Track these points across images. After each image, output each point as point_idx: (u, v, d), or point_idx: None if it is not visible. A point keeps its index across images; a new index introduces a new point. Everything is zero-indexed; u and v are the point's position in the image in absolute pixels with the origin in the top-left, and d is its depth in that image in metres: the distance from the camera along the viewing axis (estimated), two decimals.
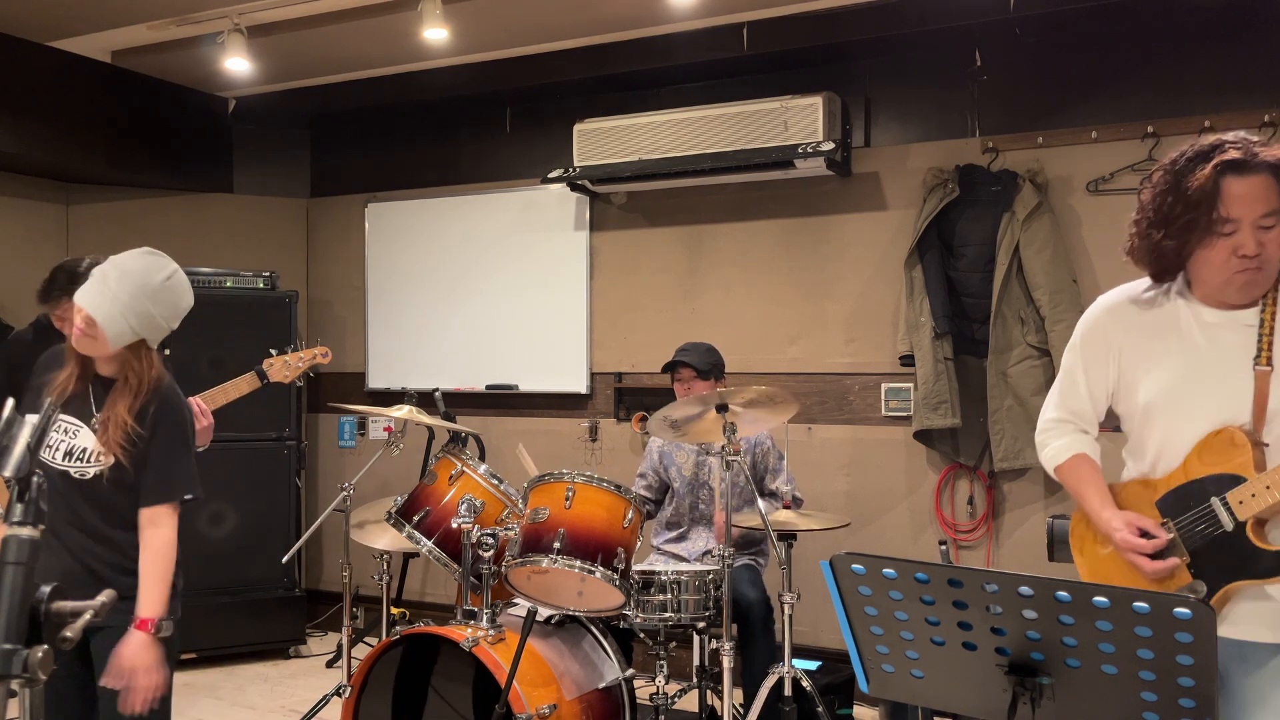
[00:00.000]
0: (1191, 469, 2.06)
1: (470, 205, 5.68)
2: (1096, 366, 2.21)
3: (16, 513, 1.40)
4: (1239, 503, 1.97)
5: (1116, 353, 2.18)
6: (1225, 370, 2.03)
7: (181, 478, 2.48)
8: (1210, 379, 2.05)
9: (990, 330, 4.32)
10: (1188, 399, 2.07)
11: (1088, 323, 2.25)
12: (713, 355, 4.04)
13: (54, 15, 4.73)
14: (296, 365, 3.69)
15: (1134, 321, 2.17)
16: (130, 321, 2.37)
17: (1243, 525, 1.97)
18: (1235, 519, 1.97)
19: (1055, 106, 4.43)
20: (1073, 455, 2.25)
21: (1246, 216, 1.96)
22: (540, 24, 4.80)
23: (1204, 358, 2.06)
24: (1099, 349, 2.21)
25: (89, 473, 2.40)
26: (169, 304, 2.44)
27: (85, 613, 1.41)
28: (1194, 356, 2.07)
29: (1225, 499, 1.99)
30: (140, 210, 5.79)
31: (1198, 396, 2.05)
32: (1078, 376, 2.25)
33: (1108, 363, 2.19)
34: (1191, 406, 2.06)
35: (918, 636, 1.75)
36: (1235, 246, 1.97)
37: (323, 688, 4.56)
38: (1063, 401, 2.28)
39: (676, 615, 3.45)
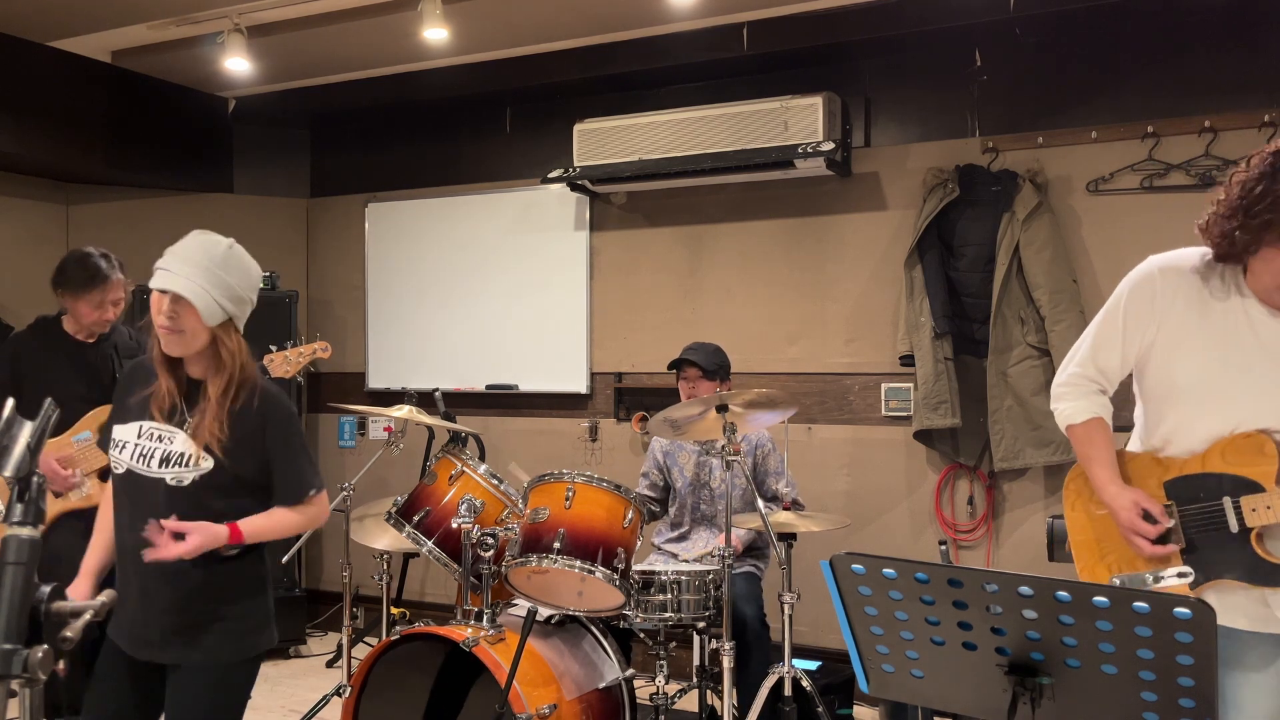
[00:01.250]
0: (1210, 462, 2.05)
1: (470, 205, 5.68)
2: (1137, 326, 2.16)
3: (16, 513, 1.40)
4: (1251, 510, 1.98)
5: (1160, 317, 2.13)
6: (1266, 369, 2.01)
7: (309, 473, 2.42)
8: (1249, 375, 2.02)
9: (990, 330, 4.32)
10: (1221, 390, 2.04)
11: (1139, 279, 2.18)
12: (719, 356, 4.04)
13: (54, 15, 4.72)
14: (297, 360, 3.69)
15: (1185, 293, 2.11)
16: (214, 294, 2.28)
17: (1248, 531, 1.98)
18: (1242, 524, 1.98)
19: (1055, 106, 4.43)
20: (1090, 418, 2.22)
21: None
22: (540, 24, 4.80)
23: (1248, 353, 2.03)
24: (1145, 308, 2.15)
25: (186, 479, 2.29)
26: (242, 270, 2.36)
27: (85, 612, 1.41)
28: (1238, 349, 2.04)
29: (1238, 502, 1.99)
30: (140, 210, 5.79)
31: (1232, 390, 2.03)
32: (1116, 330, 2.19)
33: (1148, 325, 2.14)
34: (1223, 398, 2.04)
35: (918, 636, 1.75)
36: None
37: (323, 688, 4.56)
38: (1094, 355, 2.22)
39: (676, 615, 3.45)
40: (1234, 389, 2.04)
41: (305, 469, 2.41)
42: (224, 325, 2.32)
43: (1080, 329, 4.15)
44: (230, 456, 2.31)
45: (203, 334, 2.30)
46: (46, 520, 1.44)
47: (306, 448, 2.47)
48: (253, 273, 2.40)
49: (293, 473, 2.38)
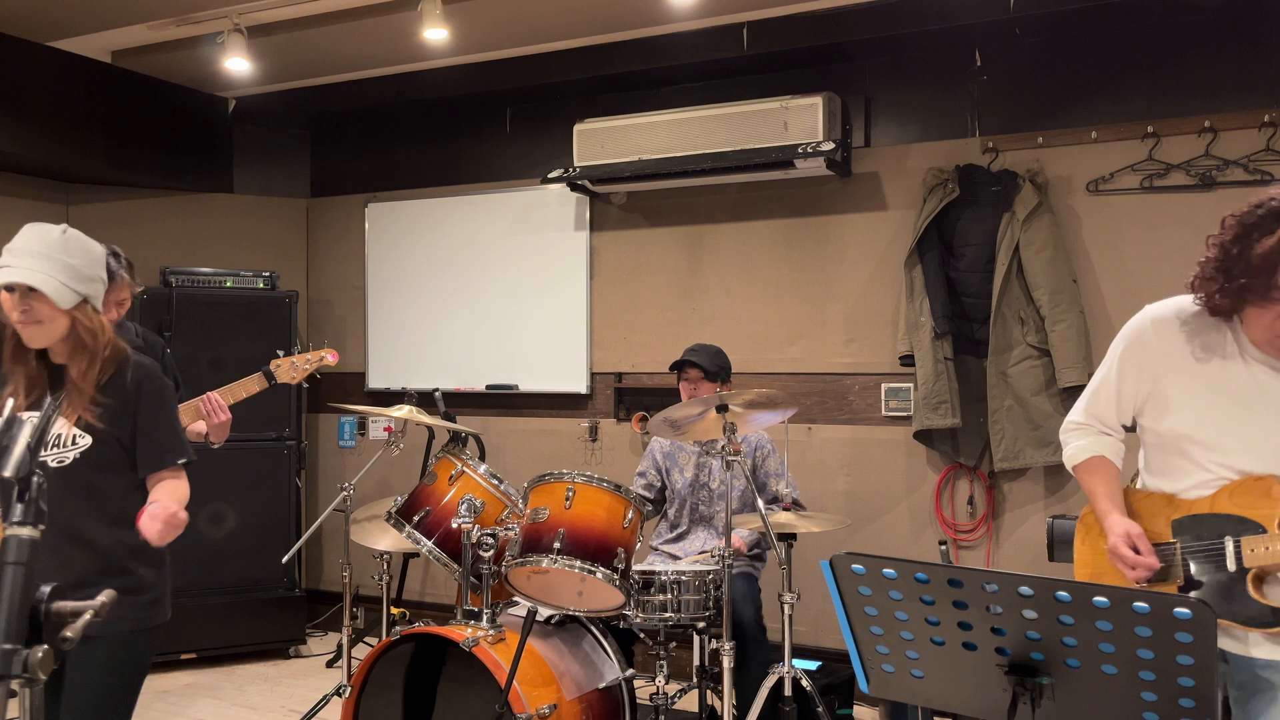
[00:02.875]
0: (1219, 503, 2.08)
1: (470, 205, 5.68)
2: (1130, 379, 2.21)
3: (17, 513, 1.40)
4: (1250, 550, 2.01)
5: (1153, 371, 2.17)
6: (1266, 413, 2.04)
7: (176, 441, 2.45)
8: (1251, 420, 2.06)
9: (990, 330, 4.32)
10: (1222, 438, 2.08)
11: (1132, 334, 2.22)
12: (721, 358, 4.04)
13: (54, 15, 4.72)
14: (304, 367, 3.70)
15: (1180, 343, 2.14)
16: (60, 278, 2.29)
17: (1245, 571, 2.02)
18: (1240, 564, 2.02)
19: (1055, 106, 4.43)
20: (1091, 456, 2.28)
21: None
22: (540, 24, 4.80)
23: (1247, 397, 2.07)
24: (1138, 362, 2.19)
25: (68, 458, 2.33)
26: (82, 250, 2.37)
27: (85, 612, 1.41)
28: (1238, 398, 2.07)
29: (1239, 542, 2.02)
30: (140, 210, 5.79)
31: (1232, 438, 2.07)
32: (1110, 385, 2.25)
33: (1141, 378, 2.19)
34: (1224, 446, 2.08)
35: (918, 636, 1.75)
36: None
37: (323, 688, 4.57)
38: (1090, 406, 2.30)
39: (676, 615, 3.44)
40: (1236, 432, 2.07)
41: (171, 439, 2.44)
42: (80, 307, 2.34)
43: (1080, 329, 4.17)
44: (108, 427, 2.35)
45: (60, 320, 2.33)
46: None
47: (177, 422, 2.51)
48: (93, 251, 2.41)
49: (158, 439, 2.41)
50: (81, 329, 2.34)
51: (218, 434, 3.52)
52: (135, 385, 2.39)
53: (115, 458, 2.38)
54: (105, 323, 2.40)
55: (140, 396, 2.39)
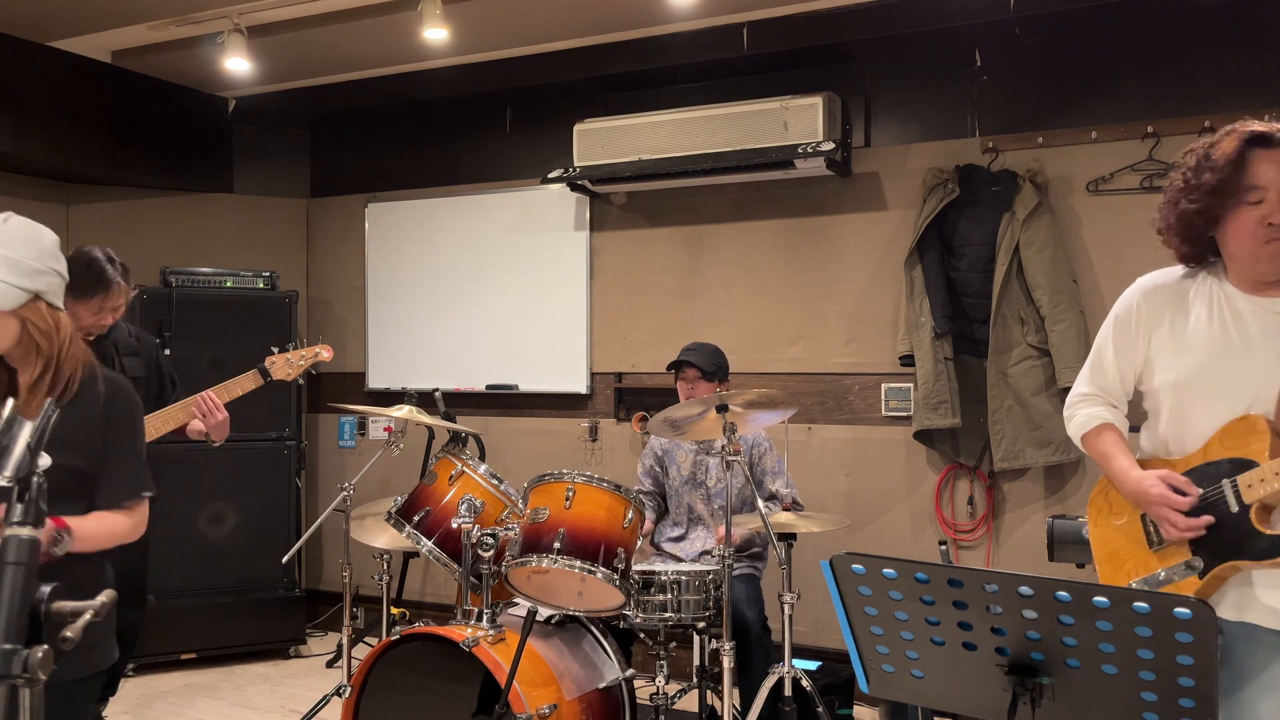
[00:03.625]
0: (1212, 451, 2.09)
1: (470, 205, 5.68)
2: (1126, 347, 2.24)
3: (16, 513, 1.40)
4: (1248, 486, 2.01)
5: (1146, 334, 2.21)
6: (1253, 357, 2.05)
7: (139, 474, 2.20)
8: (1238, 365, 2.06)
9: (990, 330, 4.32)
10: (1213, 384, 2.09)
11: (1123, 303, 2.27)
12: (718, 357, 4.04)
13: (54, 15, 4.72)
14: (299, 363, 3.70)
15: (1166, 303, 2.18)
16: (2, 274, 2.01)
17: (1248, 508, 2.00)
18: (1241, 501, 2.01)
19: (1055, 106, 4.43)
20: (1100, 424, 2.29)
21: (1274, 185, 1.98)
22: (540, 24, 4.80)
23: (1233, 344, 2.08)
24: (1130, 330, 2.23)
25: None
26: (25, 240, 2.07)
27: (85, 613, 1.41)
28: (1222, 341, 2.09)
29: (1235, 481, 2.02)
30: (140, 210, 5.80)
31: (1223, 382, 2.08)
32: (1107, 355, 2.28)
33: (1137, 343, 2.22)
34: (1216, 391, 2.08)
35: (918, 636, 1.75)
36: (1263, 216, 1.99)
37: (323, 688, 4.57)
38: (1092, 377, 2.32)
39: (676, 615, 3.45)
40: (1224, 380, 2.08)
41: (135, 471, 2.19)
42: (30, 306, 2.06)
43: (1080, 329, 4.17)
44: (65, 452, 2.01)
45: (9, 324, 2.05)
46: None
47: (142, 449, 2.25)
48: (43, 239, 2.11)
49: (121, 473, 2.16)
50: (34, 330, 2.07)
51: (217, 433, 3.52)
52: (105, 408, 2.13)
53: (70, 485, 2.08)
54: (64, 320, 2.13)
55: (110, 421, 2.14)
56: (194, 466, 5.08)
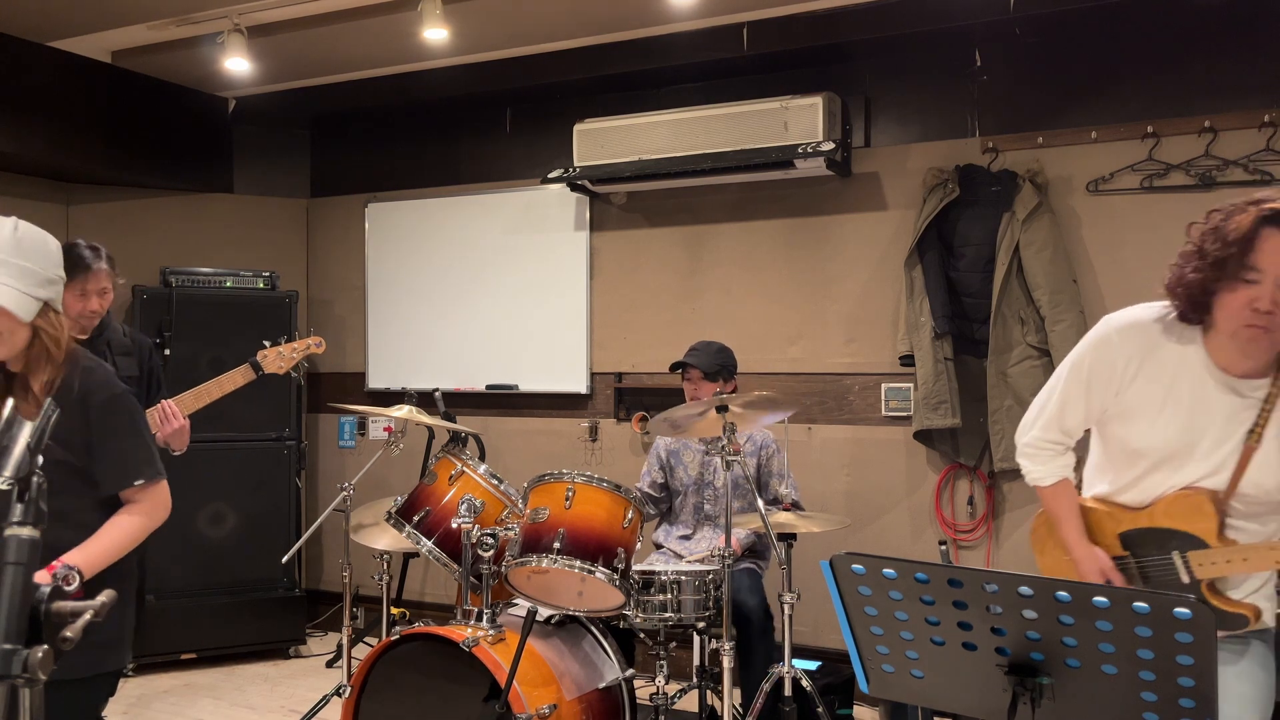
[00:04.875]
0: (1156, 517, 2.15)
1: (470, 205, 5.68)
2: (1099, 388, 2.20)
3: (16, 513, 1.40)
4: (1198, 564, 2.09)
5: (1119, 382, 2.17)
6: (1219, 435, 2.08)
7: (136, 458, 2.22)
8: (1203, 441, 2.10)
9: (990, 330, 4.32)
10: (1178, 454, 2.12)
11: (1099, 344, 2.21)
12: (722, 356, 4.04)
13: (54, 15, 4.72)
14: (290, 356, 3.69)
15: (1146, 355, 2.14)
16: (19, 285, 2.07)
17: (1198, 583, 2.10)
18: (1193, 577, 2.11)
19: (1055, 106, 4.43)
20: (1056, 481, 2.31)
21: (1271, 269, 1.95)
22: (540, 24, 4.80)
23: (1203, 419, 2.09)
24: (1106, 372, 2.19)
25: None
26: (36, 249, 2.13)
27: (85, 613, 1.41)
28: (1199, 414, 2.10)
29: (1186, 557, 2.10)
30: (140, 210, 5.79)
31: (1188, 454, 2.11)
32: (1078, 395, 2.24)
33: (1109, 388, 2.19)
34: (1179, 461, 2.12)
35: (918, 636, 1.75)
36: (1253, 298, 1.97)
37: (323, 688, 4.57)
38: (1060, 418, 2.28)
39: (676, 615, 3.45)
40: (1190, 454, 2.11)
41: (131, 453, 2.21)
42: (43, 314, 2.14)
43: (1081, 329, 4.17)
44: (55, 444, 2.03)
45: (20, 332, 2.13)
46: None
47: (140, 432, 2.27)
48: (50, 248, 2.17)
49: (116, 457, 2.19)
50: (47, 339, 2.14)
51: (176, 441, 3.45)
52: (81, 398, 2.16)
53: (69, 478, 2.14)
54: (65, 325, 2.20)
55: (88, 410, 2.17)
56: (194, 466, 5.06)
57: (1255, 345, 2.01)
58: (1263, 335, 1.98)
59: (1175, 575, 2.12)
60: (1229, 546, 2.06)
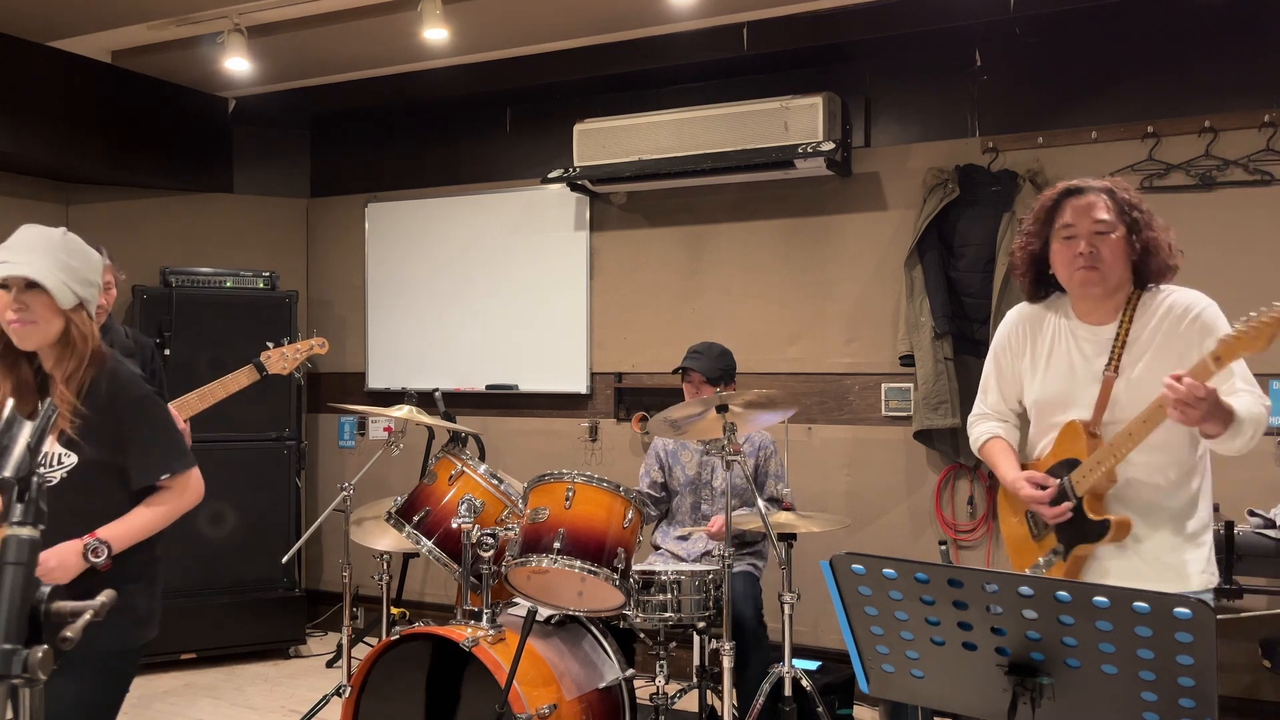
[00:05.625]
0: (1056, 454, 2.47)
1: (470, 205, 5.68)
2: (1006, 365, 2.64)
3: (16, 513, 1.40)
4: (1077, 481, 2.37)
5: (1014, 358, 2.61)
6: (1086, 376, 2.44)
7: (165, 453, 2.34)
8: (1075, 384, 2.46)
9: (990, 330, 4.31)
10: (1059, 399, 2.48)
11: (1003, 327, 2.66)
12: (723, 360, 4.04)
13: (54, 15, 4.72)
14: (294, 357, 3.70)
15: (1030, 329, 2.58)
16: (62, 276, 2.22)
17: (1080, 499, 2.37)
18: (1075, 494, 2.37)
19: (1055, 106, 4.43)
20: (990, 438, 2.67)
21: (1080, 222, 2.39)
22: (540, 24, 4.80)
23: (1073, 366, 2.47)
24: (1004, 355, 2.64)
25: (54, 478, 2.23)
26: (83, 254, 2.30)
27: (85, 612, 1.41)
28: (1066, 364, 2.48)
29: (1069, 479, 2.39)
30: (140, 210, 5.80)
31: (1065, 399, 2.47)
32: (991, 379, 2.69)
33: (1012, 363, 2.62)
34: (1060, 406, 2.48)
35: (918, 636, 1.75)
36: (1074, 247, 2.39)
37: (323, 688, 4.57)
38: (983, 398, 2.72)
39: (676, 615, 3.45)
40: (1066, 395, 2.46)
41: (160, 449, 2.33)
42: (76, 310, 2.27)
43: None
44: (88, 444, 2.25)
45: (56, 322, 2.25)
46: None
47: (168, 428, 2.39)
48: (92, 257, 2.33)
49: (146, 452, 2.31)
50: (75, 333, 2.27)
51: None
52: (110, 396, 2.28)
53: (102, 476, 2.28)
54: (95, 330, 2.33)
55: (118, 408, 2.29)
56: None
57: (1089, 284, 2.39)
58: (1092, 274, 2.37)
59: (1068, 499, 2.39)
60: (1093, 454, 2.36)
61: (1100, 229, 2.37)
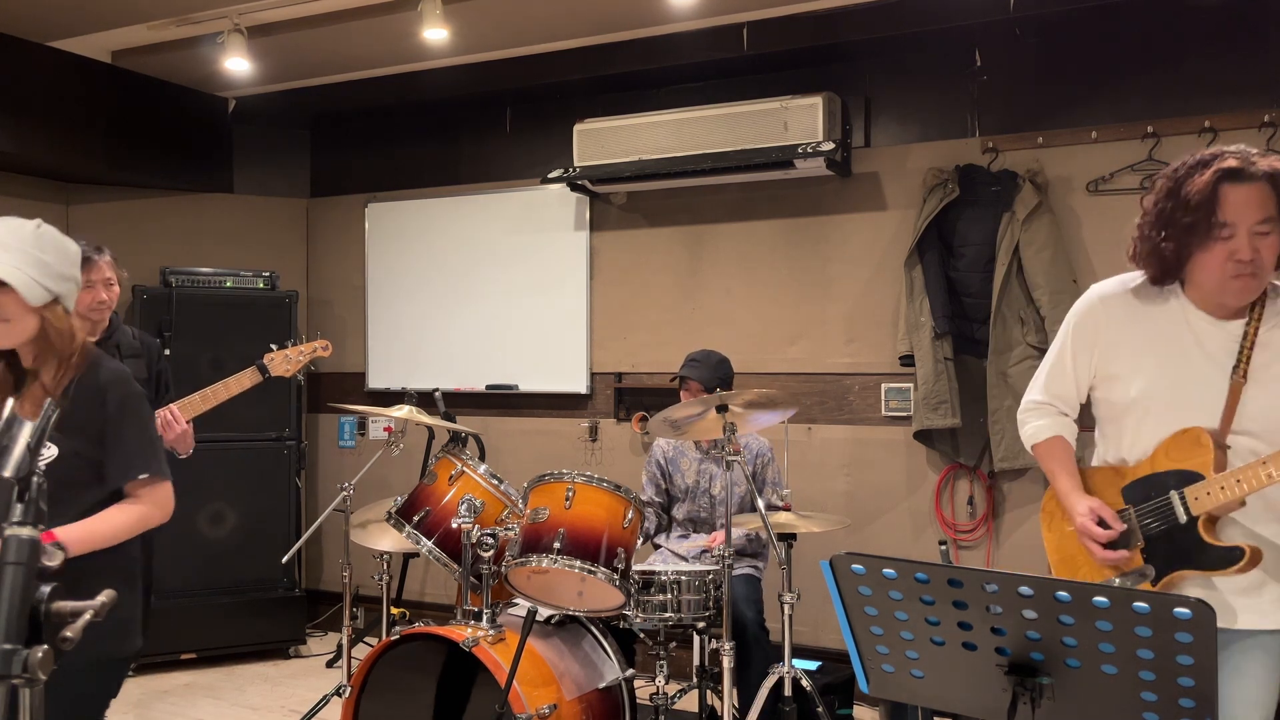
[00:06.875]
0: (1158, 462, 2.16)
1: (470, 205, 5.68)
2: (1084, 354, 2.30)
3: (16, 513, 1.40)
4: (1194, 499, 2.07)
5: (1105, 344, 2.26)
6: (1207, 376, 2.12)
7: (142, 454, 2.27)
8: (1193, 383, 2.14)
9: (990, 330, 4.32)
10: (1170, 399, 2.16)
11: (1081, 310, 2.32)
12: (722, 368, 4.04)
13: (54, 15, 4.72)
14: (297, 359, 3.70)
15: (1127, 315, 2.24)
16: (32, 274, 2.14)
17: (1195, 519, 2.08)
18: (1189, 513, 2.09)
19: (1055, 106, 4.43)
20: (1051, 436, 2.36)
21: (1243, 222, 2.04)
22: (540, 24, 4.80)
23: (1191, 362, 2.15)
24: (1088, 337, 2.29)
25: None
26: (57, 248, 2.21)
27: (85, 612, 1.41)
28: (1182, 359, 2.16)
29: (1183, 493, 2.09)
30: (140, 210, 5.79)
31: (1179, 398, 2.15)
32: (1066, 361, 2.33)
33: (1094, 351, 2.28)
34: (1172, 406, 2.15)
35: (918, 636, 1.75)
36: (1232, 251, 2.05)
37: (323, 688, 4.57)
38: (1048, 384, 2.37)
39: (676, 615, 3.45)
40: (1180, 396, 2.15)
41: (137, 449, 2.26)
42: (50, 306, 2.20)
43: None
44: (72, 438, 2.19)
45: (29, 320, 2.18)
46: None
47: (148, 430, 2.33)
48: (69, 250, 2.25)
49: (124, 448, 2.25)
50: (51, 330, 2.20)
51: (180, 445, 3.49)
52: (101, 392, 2.23)
53: (81, 472, 2.22)
54: (77, 326, 2.27)
55: (108, 404, 2.24)
56: (194, 466, 5.04)
57: (1245, 292, 2.08)
58: (1251, 280, 2.05)
59: (1173, 516, 2.10)
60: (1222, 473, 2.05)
61: (1263, 229, 2.04)
